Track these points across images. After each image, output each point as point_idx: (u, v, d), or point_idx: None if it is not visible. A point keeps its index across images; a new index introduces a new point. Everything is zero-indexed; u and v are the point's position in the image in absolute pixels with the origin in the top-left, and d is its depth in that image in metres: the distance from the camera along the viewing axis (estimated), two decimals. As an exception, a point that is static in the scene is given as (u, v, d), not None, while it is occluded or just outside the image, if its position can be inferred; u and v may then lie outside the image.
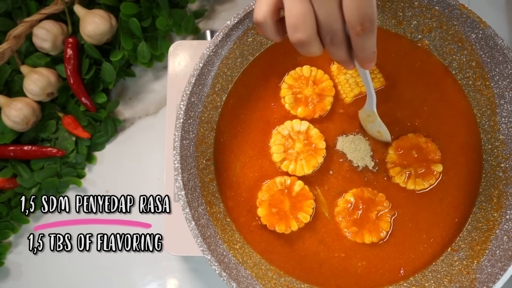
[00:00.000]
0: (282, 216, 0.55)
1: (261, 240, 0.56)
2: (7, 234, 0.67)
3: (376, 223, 0.55)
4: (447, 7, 0.53)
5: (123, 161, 0.69)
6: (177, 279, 0.67)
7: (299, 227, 0.55)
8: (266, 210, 0.55)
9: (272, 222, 0.54)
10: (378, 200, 0.56)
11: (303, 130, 0.56)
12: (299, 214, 0.55)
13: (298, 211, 0.55)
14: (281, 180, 0.55)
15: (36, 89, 0.63)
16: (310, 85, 0.57)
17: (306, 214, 0.55)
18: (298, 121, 0.56)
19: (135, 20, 0.64)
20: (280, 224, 0.54)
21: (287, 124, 0.56)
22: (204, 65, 0.52)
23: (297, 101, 0.57)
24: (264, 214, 0.55)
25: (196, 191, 0.52)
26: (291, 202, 0.55)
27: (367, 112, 0.54)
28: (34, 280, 0.68)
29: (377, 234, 0.55)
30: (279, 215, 0.55)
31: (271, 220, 0.55)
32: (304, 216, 0.55)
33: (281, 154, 0.56)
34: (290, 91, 0.57)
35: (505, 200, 0.53)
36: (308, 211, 0.55)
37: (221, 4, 0.71)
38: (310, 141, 0.56)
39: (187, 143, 0.52)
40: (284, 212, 0.55)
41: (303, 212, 0.55)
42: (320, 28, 0.36)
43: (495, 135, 0.55)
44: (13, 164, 0.66)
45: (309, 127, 0.56)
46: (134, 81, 0.71)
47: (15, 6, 0.67)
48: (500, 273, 0.49)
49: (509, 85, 0.53)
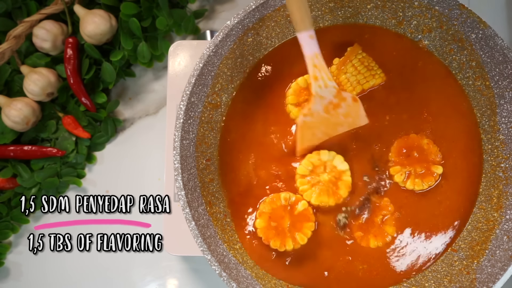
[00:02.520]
0: (279, 232, 0.53)
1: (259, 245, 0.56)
2: (7, 234, 0.67)
3: (381, 228, 0.55)
4: (447, 7, 0.53)
5: (123, 161, 0.69)
6: (177, 279, 0.67)
7: (294, 248, 0.53)
8: (264, 223, 0.53)
9: (268, 236, 0.53)
10: (383, 204, 0.55)
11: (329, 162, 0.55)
12: (297, 234, 0.53)
13: (297, 231, 0.53)
14: (286, 196, 0.54)
15: (36, 89, 0.63)
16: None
17: (304, 236, 0.53)
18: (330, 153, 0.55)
19: (135, 20, 0.64)
20: (276, 240, 0.53)
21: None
22: (204, 65, 0.52)
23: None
24: (262, 226, 0.53)
25: (196, 191, 0.52)
26: (292, 221, 0.54)
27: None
28: (34, 280, 0.68)
29: (382, 239, 0.55)
30: (276, 230, 0.53)
31: (267, 234, 0.53)
32: (301, 237, 0.53)
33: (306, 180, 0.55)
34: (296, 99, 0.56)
35: (505, 200, 0.53)
36: (306, 233, 0.53)
37: (221, 4, 0.71)
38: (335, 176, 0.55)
39: (187, 143, 0.52)
40: (282, 229, 0.53)
41: (301, 234, 0.53)
42: None
43: (495, 135, 0.55)
44: (13, 164, 0.66)
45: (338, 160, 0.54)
46: (134, 81, 0.71)
47: (15, 6, 0.67)
48: (500, 273, 0.49)
49: (509, 85, 0.53)
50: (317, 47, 0.50)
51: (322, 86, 0.51)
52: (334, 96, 0.51)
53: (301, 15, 0.47)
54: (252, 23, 0.53)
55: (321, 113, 0.52)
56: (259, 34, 0.56)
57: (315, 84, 0.51)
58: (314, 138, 0.54)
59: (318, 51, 0.50)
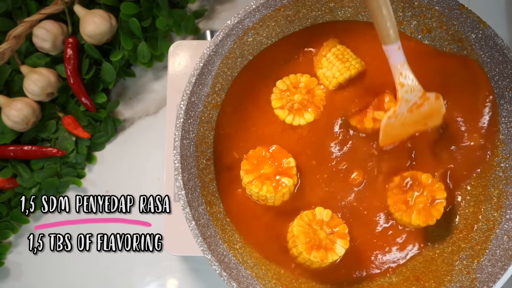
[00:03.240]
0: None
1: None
2: (7, 234, 0.67)
3: (428, 208, 0.53)
4: (447, 7, 0.53)
5: (123, 161, 0.69)
6: (177, 279, 0.67)
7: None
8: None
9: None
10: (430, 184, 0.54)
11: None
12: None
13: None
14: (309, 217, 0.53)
15: (36, 89, 0.63)
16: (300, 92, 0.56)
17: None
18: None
19: (135, 20, 0.65)
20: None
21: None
22: (204, 65, 0.52)
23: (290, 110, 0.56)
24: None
25: (196, 191, 0.52)
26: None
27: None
28: (34, 280, 0.68)
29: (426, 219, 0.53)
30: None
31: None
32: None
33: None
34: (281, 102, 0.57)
35: (505, 200, 0.53)
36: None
37: (221, 4, 0.72)
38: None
39: (187, 142, 0.52)
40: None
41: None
42: None
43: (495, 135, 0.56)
44: (13, 164, 0.66)
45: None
46: (134, 81, 0.71)
47: (15, 6, 0.67)
48: (500, 273, 0.49)
49: (509, 85, 0.53)
50: (404, 57, 0.50)
51: (409, 91, 0.52)
52: (419, 97, 0.52)
53: (387, 29, 0.48)
54: (252, 23, 0.53)
55: (405, 114, 0.53)
56: (259, 34, 0.56)
57: (402, 90, 0.51)
58: (395, 135, 0.55)
59: (405, 60, 0.51)
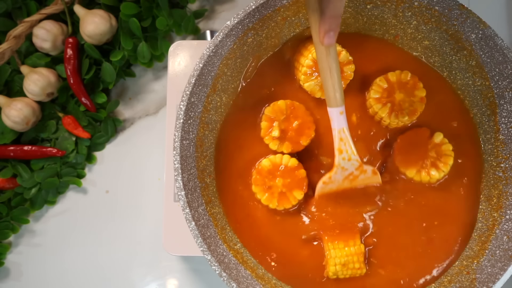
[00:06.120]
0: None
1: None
2: (7, 234, 0.67)
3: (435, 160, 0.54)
4: (447, 7, 0.53)
5: (123, 161, 0.69)
6: (177, 279, 0.67)
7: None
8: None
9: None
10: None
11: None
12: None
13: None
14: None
15: (36, 89, 0.63)
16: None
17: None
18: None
19: (135, 20, 0.64)
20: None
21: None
22: (204, 65, 0.52)
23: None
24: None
25: (196, 192, 0.52)
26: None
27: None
28: (34, 280, 0.68)
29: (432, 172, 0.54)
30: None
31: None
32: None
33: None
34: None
35: (505, 200, 0.53)
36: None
37: (221, 4, 0.72)
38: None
39: (187, 143, 0.52)
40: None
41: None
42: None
43: (495, 135, 0.55)
44: (13, 164, 0.66)
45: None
46: (134, 81, 0.71)
47: (15, 6, 0.67)
48: (500, 273, 0.49)
49: (509, 85, 0.53)
50: (346, 122, 0.51)
51: (346, 159, 0.52)
52: (356, 168, 0.53)
53: (334, 92, 0.49)
54: (252, 23, 0.53)
55: (340, 181, 0.54)
56: (259, 34, 0.55)
57: (339, 156, 0.52)
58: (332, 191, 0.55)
59: (346, 126, 0.51)
